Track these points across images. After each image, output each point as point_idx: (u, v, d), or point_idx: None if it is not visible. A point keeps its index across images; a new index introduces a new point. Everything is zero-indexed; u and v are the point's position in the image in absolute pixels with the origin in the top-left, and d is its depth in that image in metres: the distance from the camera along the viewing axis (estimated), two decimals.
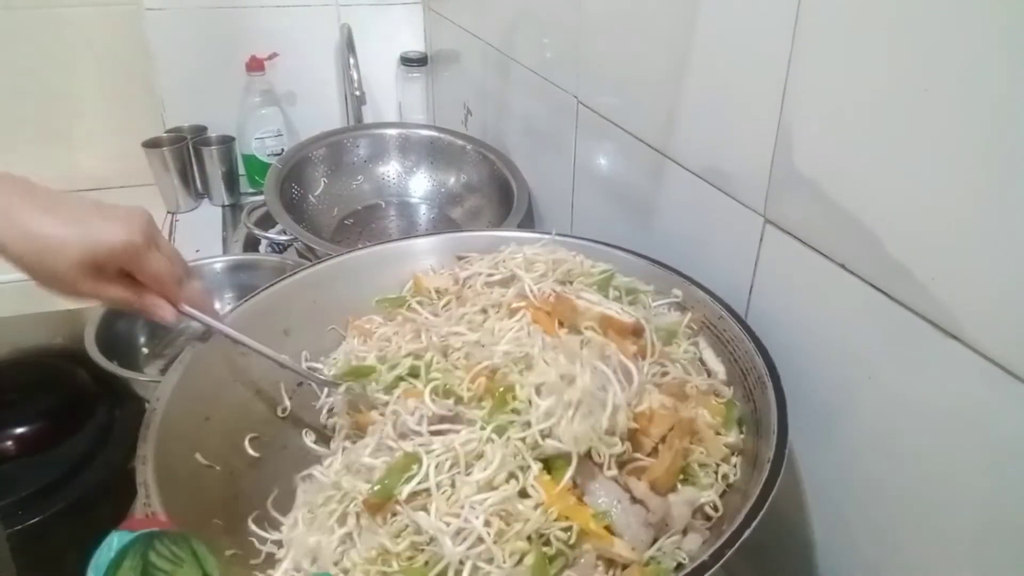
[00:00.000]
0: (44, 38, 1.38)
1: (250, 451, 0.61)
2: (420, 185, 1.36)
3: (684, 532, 0.51)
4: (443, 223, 1.30)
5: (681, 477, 0.53)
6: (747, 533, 0.44)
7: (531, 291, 0.65)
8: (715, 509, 0.52)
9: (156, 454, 0.51)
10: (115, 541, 0.40)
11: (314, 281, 0.72)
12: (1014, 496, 0.42)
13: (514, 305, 0.65)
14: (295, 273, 0.72)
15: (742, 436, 0.57)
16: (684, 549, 0.49)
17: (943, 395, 0.45)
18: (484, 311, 0.66)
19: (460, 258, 0.77)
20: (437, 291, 0.71)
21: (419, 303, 0.70)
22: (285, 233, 1.11)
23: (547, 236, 0.75)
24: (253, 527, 0.54)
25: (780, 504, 0.62)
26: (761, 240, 0.61)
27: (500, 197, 1.20)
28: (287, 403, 0.65)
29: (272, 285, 0.70)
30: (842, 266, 0.52)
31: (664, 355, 0.61)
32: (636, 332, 0.60)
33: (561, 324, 0.62)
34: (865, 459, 0.53)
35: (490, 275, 0.71)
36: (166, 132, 1.45)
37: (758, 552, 0.65)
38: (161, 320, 0.56)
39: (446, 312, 0.69)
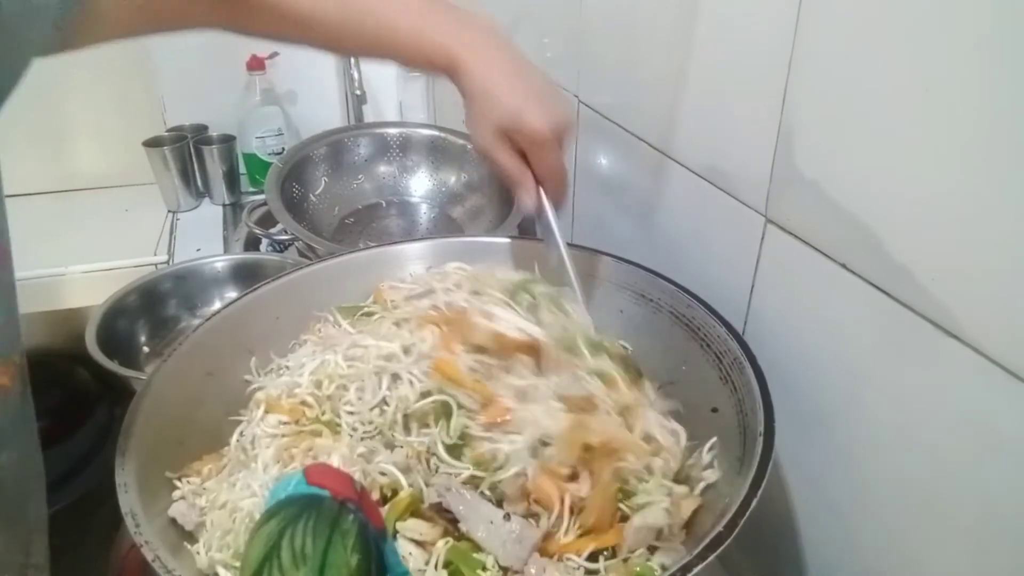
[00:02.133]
0: None
1: None
2: (421, 184, 1.35)
3: (651, 550, 0.50)
4: (444, 223, 1.30)
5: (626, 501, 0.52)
6: (754, 502, 0.45)
7: (442, 304, 0.65)
8: (671, 531, 0.50)
9: (137, 480, 0.50)
10: (292, 485, 0.39)
11: (276, 296, 0.71)
12: (1012, 495, 0.42)
13: (423, 317, 0.65)
14: (256, 289, 0.70)
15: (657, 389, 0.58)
16: (656, 562, 0.49)
17: (942, 394, 0.45)
18: (398, 324, 0.66)
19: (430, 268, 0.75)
20: (392, 302, 0.70)
21: (368, 314, 0.70)
22: (286, 232, 1.11)
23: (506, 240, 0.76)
24: None
25: (777, 501, 0.62)
26: (762, 239, 0.61)
27: (501, 197, 1.20)
28: None
29: (235, 302, 0.69)
30: (843, 265, 0.52)
31: (570, 365, 0.58)
32: (532, 349, 0.59)
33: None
34: (864, 457, 0.53)
35: (411, 289, 0.71)
36: (167, 131, 1.45)
37: (756, 549, 0.65)
38: (521, 204, 0.63)
39: (372, 326, 0.68)
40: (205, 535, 0.52)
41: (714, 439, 0.56)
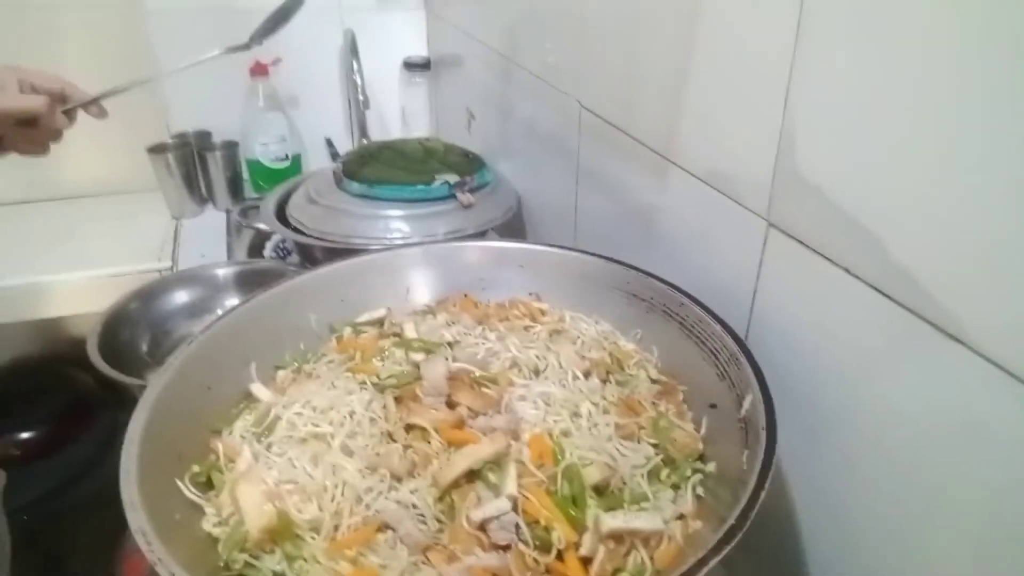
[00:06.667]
0: (46, 42, 1.38)
1: None
2: None
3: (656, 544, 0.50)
4: None
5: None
6: (762, 496, 0.45)
7: None
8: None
9: (143, 497, 0.49)
10: None
11: (273, 305, 0.70)
12: (1015, 498, 0.41)
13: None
14: (253, 298, 0.70)
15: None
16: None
17: (946, 398, 0.45)
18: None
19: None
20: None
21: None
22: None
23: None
24: None
25: (779, 503, 0.62)
26: (764, 244, 0.61)
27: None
28: None
29: (230, 313, 0.68)
30: (846, 270, 0.52)
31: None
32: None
33: None
34: (866, 460, 0.53)
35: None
36: (170, 137, 1.46)
37: (756, 549, 0.64)
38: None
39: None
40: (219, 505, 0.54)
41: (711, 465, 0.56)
